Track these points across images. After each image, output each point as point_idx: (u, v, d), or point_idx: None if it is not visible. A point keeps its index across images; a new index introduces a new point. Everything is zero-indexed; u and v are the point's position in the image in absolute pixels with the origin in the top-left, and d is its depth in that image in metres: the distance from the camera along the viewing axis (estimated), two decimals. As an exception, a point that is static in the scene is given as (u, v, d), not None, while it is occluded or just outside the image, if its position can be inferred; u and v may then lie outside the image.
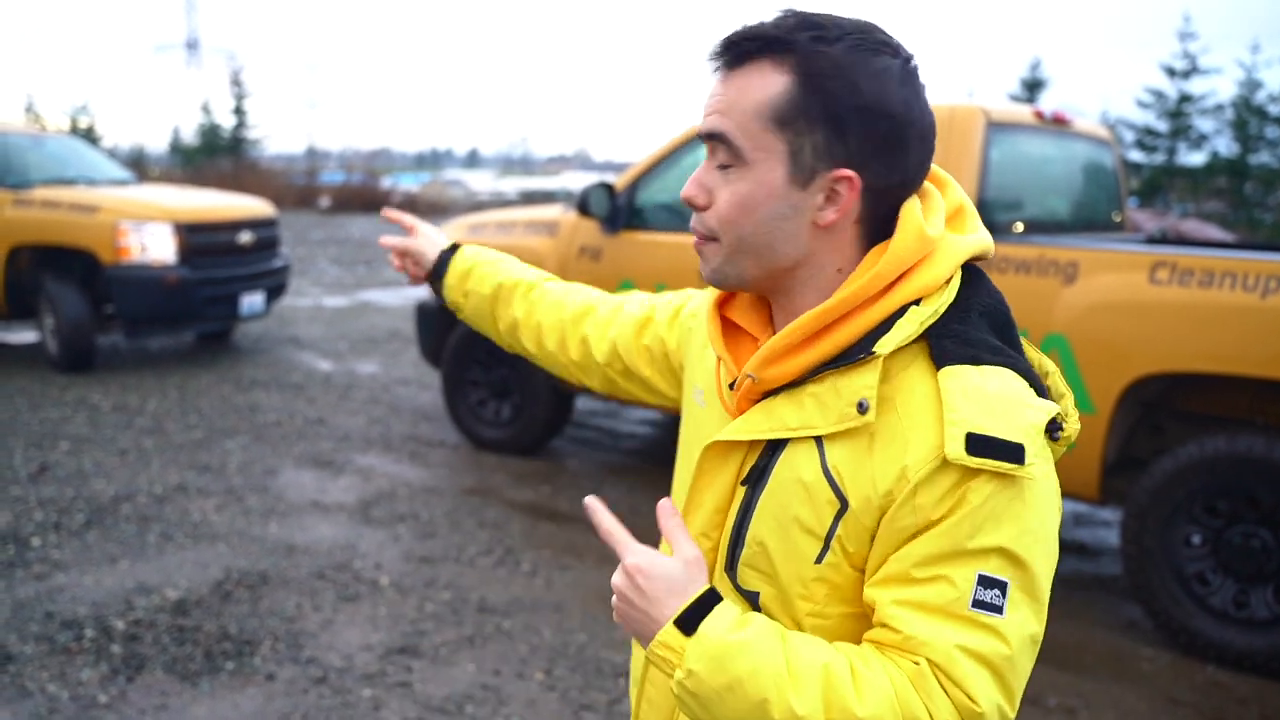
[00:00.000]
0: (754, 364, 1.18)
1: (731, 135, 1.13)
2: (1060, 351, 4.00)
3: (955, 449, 1.04)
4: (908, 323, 1.11)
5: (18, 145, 8.99)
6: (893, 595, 1.08)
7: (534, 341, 1.72)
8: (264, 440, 6.45)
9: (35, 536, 4.76)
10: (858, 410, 1.10)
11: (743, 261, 1.18)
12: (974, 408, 1.06)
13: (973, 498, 1.05)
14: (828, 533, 1.13)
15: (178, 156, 39.49)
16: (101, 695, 3.44)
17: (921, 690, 1.03)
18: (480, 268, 1.77)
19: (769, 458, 1.18)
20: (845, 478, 1.11)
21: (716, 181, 1.17)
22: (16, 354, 9.07)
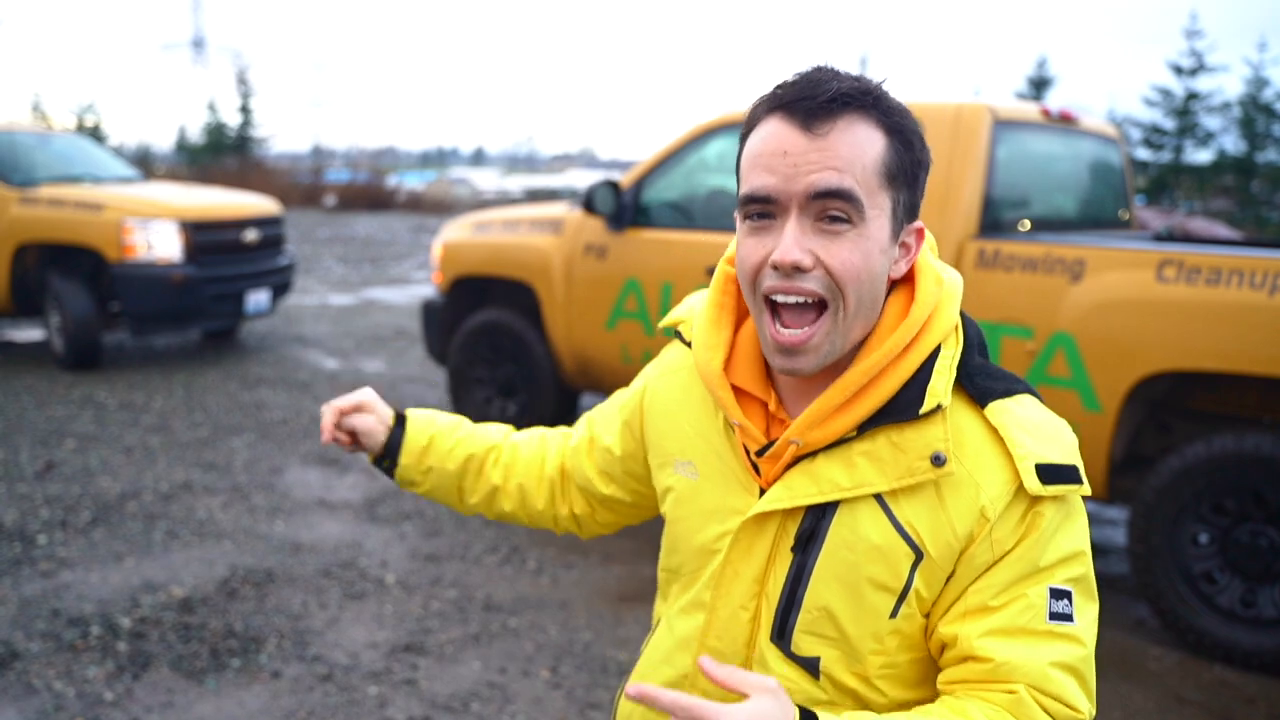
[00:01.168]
0: (799, 429, 1.17)
1: (856, 192, 1.09)
2: (1067, 350, 3.99)
3: (1032, 482, 1.10)
4: (944, 369, 1.15)
5: (24, 143, 9.01)
6: (977, 628, 1.12)
7: (515, 504, 1.61)
8: (270, 438, 6.46)
9: (41, 534, 4.77)
10: (933, 464, 1.12)
11: (854, 326, 1.15)
12: (1032, 439, 1.13)
13: (1041, 522, 1.12)
14: (904, 586, 1.15)
15: (184, 155, 39.49)
16: (108, 693, 3.44)
17: (1024, 716, 1.08)
18: (439, 441, 1.59)
19: (817, 521, 1.17)
20: (920, 529, 1.14)
21: (819, 243, 1.11)
22: (23, 352, 9.09)
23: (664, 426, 1.37)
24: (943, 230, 4.32)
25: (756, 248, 1.14)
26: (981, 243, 4.26)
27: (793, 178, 1.10)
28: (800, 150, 1.10)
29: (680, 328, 1.39)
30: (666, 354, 1.44)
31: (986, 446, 1.14)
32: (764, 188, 1.12)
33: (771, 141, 1.12)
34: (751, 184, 1.13)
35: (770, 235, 1.13)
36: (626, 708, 1.40)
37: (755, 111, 1.17)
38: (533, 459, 1.61)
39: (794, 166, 1.10)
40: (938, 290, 1.18)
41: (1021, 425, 1.14)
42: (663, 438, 1.37)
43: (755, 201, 1.13)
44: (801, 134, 1.10)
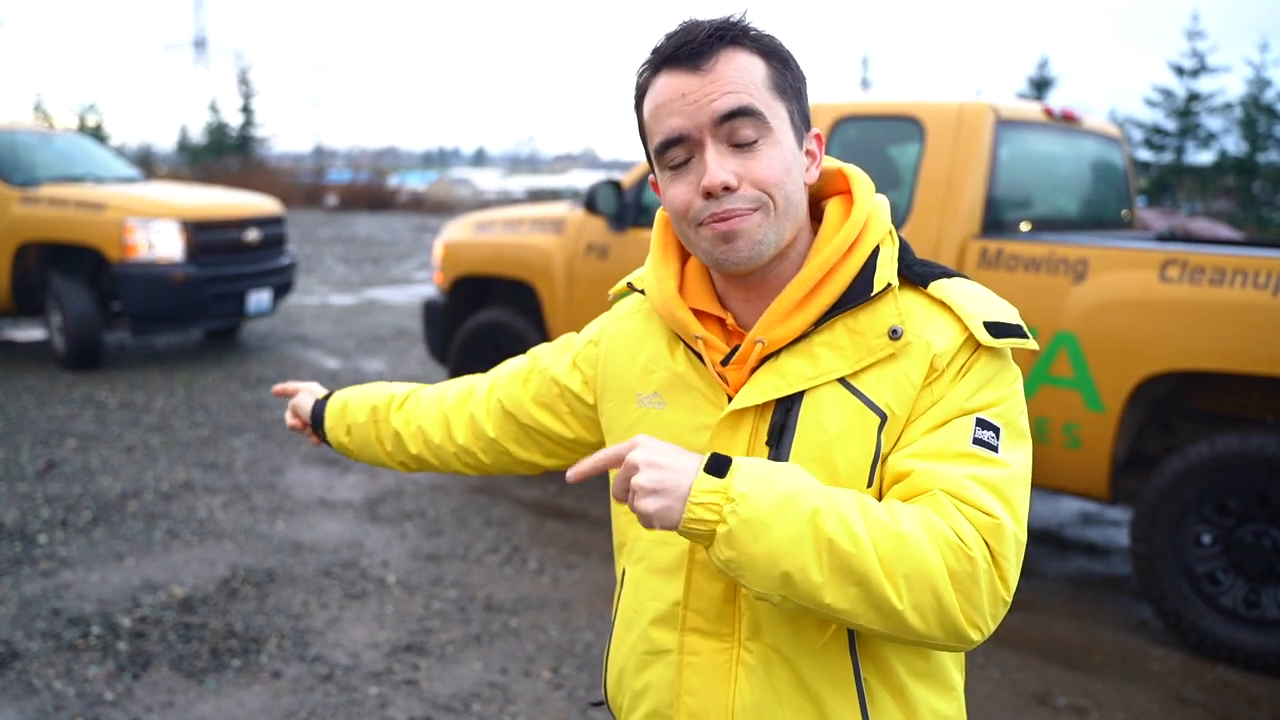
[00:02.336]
0: (762, 327, 1.25)
1: (755, 106, 1.19)
2: (1070, 350, 3.98)
3: (983, 335, 1.20)
4: (887, 260, 1.26)
5: (25, 143, 9.01)
6: (905, 454, 1.19)
7: (419, 443, 1.68)
8: (271, 438, 6.45)
9: (42, 533, 4.76)
10: (890, 338, 1.21)
11: (784, 224, 1.24)
12: (976, 304, 1.24)
13: (975, 369, 1.21)
14: (874, 451, 1.21)
15: (185, 155, 39.53)
16: (108, 692, 3.43)
17: (943, 514, 1.12)
18: (351, 400, 1.75)
19: (785, 414, 1.23)
20: (884, 394, 1.21)
21: (737, 163, 1.19)
22: (24, 351, 9.08)
23: (623, 365, 1.42)
24: (945, 230, 4.31)
25: (683, 186, 1.23)
26: (984, 242, 4.25)
27: (697, 111, 1.19)
28: (696, 87, 1.19)
29: (634, 283, 1.46)
30: (620, 304, 1.51)
31: (934, 314, 1.24)
32: (675, 129, 1.21)
33: (667, 91, 1.21)
34: (663, 131, 1.22)
35: (691, 171, 1.22)
36: (615, 669, 1.44)
37: (641, 78, 1.27)
38: (433, 400, 1.69)
39: (695, 103, 1.19)
40: (871, 195, 1.30)
41: (964, 294, 1.25)
42: (623, 375, 1.41)
43: (670, 145, 1.22)
44: (691, 75, 1.20)
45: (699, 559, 1.28)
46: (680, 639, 1.30)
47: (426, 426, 1.67)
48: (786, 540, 1.08)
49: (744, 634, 1.26)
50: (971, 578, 1.09)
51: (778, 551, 1.08)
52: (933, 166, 4.42)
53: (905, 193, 4.51)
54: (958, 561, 1.09)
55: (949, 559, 1.09)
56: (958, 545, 1.09)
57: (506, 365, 1.67)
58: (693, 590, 1.28)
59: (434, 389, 1.72)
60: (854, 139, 4.81)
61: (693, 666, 1.28)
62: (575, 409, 1.54)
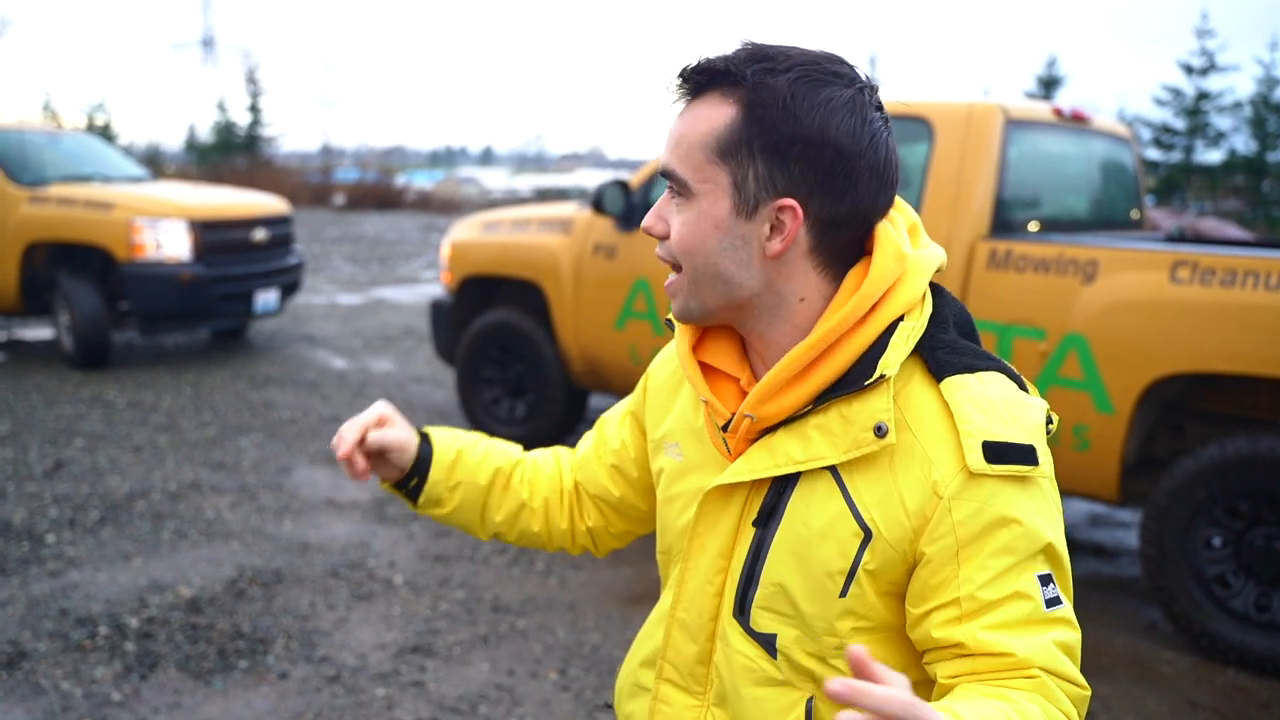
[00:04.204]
0: (751, 403, 1.18)
1: (678, 170, 1.16)
2: (1079, 351, 3.96)
3: (975, 460, 1.08)
4: (901, 340, 1.13)
5: (34, 143, 9.03)
6: (980, 626, 1.08)
7: (542, 522, 1.54)
8: (278, 438, 6.45)
9: (50, 533, 4.77)
10: (875, 434, 1.11)
11: (702, 293, 1.19)
12: (984, 416, 1.10)
13: (1008, 510, 1.09)
14: (853, 564, 1.14)
15: (193, 154, 39.57)
16: (115, 693, 3.43)
17: (1052, 699, 1.06)
18: (467, 454, 1.51)
19: (778, 496, 1.18)
20: (871, 505, 1.13)
21: (671, 212, 1.19)
22: (33, 350, 9.10)
23: (658, 411, 1.40)
24: (954, 231, 4.29)
25: None
26: (993, 243, 4.24)
27: None
28: (672, 128, 1.19)
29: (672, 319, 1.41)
30: (669, 344, 1.46)
31: (940, 421, 1.12)
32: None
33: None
34: None
35: None
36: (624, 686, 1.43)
37: None
38: (554, 474, 1.57)
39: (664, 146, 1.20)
40: (897, 266, 1.15)
41: (975, 401, 1.11)
42: (657, 422, 1.40)
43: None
44: (675, 113, 1.19)
45: (679, 616, 1.29)
46: (656, 685, 1.33)
47: (553, 504, 1.54)
48: None
49: (712, 699, 1.27)
50: None
51: None
52: (941, 167, 4.40)
53: (913, 194, 4.49)
54: None
55: None
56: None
57: (583, 441, 1.58)
58: (670, 645, 1.30)
59: (546, 463, 1.58)
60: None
61: (663, 715, 1.31)
62: (644, 464, 1.46)
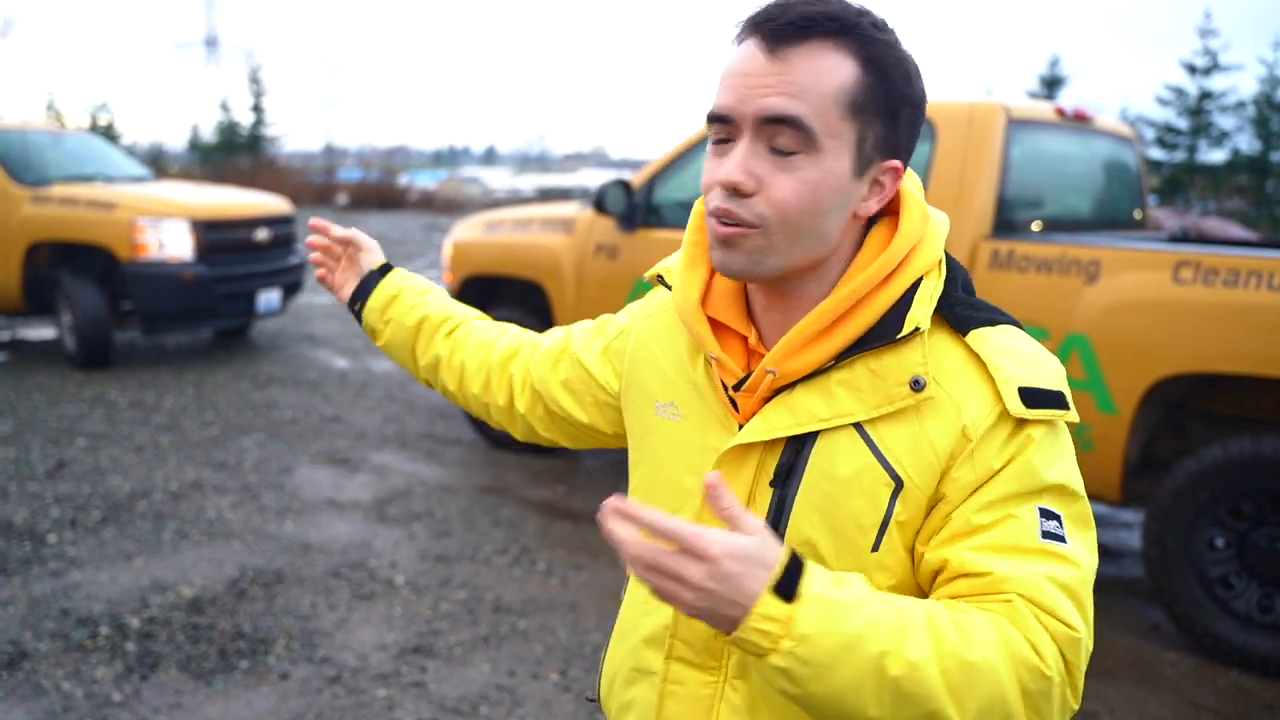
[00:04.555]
0: (774, 358, 1.15)
1: (807, 120, 1.06)
2: (1081, 351, 3.95)
3: (1015, 405, 1.09)
4: (925, 297, 1.14)
5: (36, 143, 9.02)
6: (966, 545, 1.09)
7: (455, 382, 1.61)
8: (280, 437, 6.45)
9: (51, 533, 4.77)
10: (912, 388, 1.11)
11: (794, 252, 1.12)
12: (1015, 365, 1.12)
13: (1031, 446, 1.09)
14: (884, 517, 1.12)
15: (196, 154, 39.59)
16: (116, 693, 3.43)
17: (1021, 626, 1.03)
18: (406, 295, 1.64)
19: (796, 454, 1.15)
20: (900, 455, 1.12)
21: (767, 168, 1.09)
22: (35, 350, 9.10)
23: (646, 367, 1.35)
24: (956, 231, 4.28)
25: (713, 167, 1.14)
26: (995, 243, 4.23)
27: (746, 99, 1.08)
28: (759, 72, 1.08)
29: (664, 274, 1.37)
30: (651, 296, 1.43)
31: (968, 371, 1.13)
32: (722, 106, 1.11)
33: (737, 62, 1.11)
34: (714, 103, 1.12)
35: (726, 156, 1.12)
36: (609, 674, 1.38)
37: (738, 30, 1.14)
38: (484, 344, 1.60)
39: (750, 88, 1.08)
40: (923, 224, 1.17)
41: (1003, 351, 1.13)
42: (645, 378, 1.35)
43: (715, 121, 1.12)
44: (765, 56, 1.08)
45: None
46: (666, 666, 1.25)
47: (468, 370, 1.59)
48: (847, 684, 0.98)
49: (731, 671, 1.20)
50: (1045, 696, 1.02)
51: (835, 693, 0.98)
52: (943, 167, 4.40)
53: (916, 193, 4.49)
54: (1034, 681, 1.01)
55: (1025, 680, 1.01)
56: (1036, 665, 1.01)
57: (548, 336, 1.58)
58: (681, 620, 1.23)
59: (485, 331, 1.63)
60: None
61: (675, 695, 1.24)
62: (598, 397, 1.47)
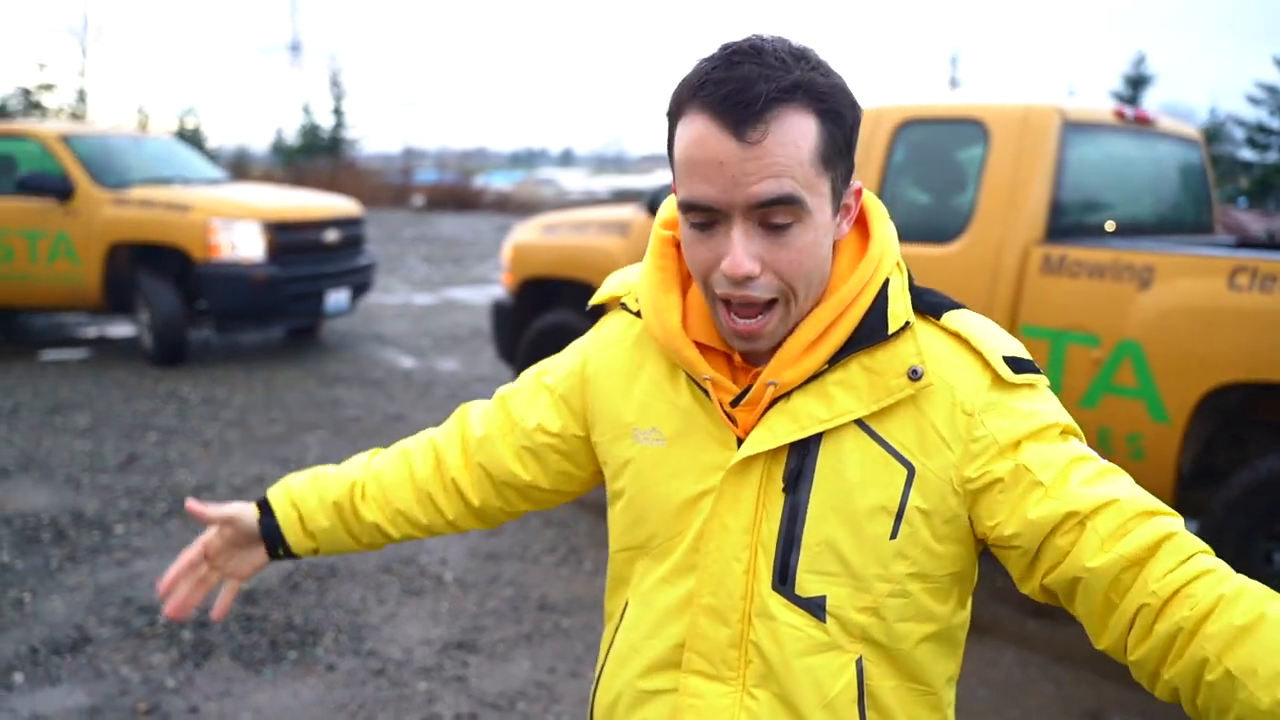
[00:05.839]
0: (774, 369, 1.19)
1: (798, 194, 1.09)
2: (1134, 358, 3.88)
3: (1006, 371, 1.17)
4: (899, 294, 1.21)
5: (118, 146, 9.34)
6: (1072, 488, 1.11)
7: (404, 527, 1.53)
8: (343, 435, 6.60)
9: (119, 524, 4.94)
10: (910, 378, 1.16)
11: (807, 303, 1.18)
12: (993, 338, 1.21)
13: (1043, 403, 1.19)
14: (900, 504, 1.17)
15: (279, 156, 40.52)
16: (170, 679, 3.55)
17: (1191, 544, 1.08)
18: (305, 505, 1.52)
19: (803, 459, 1.19)
20: (907, 443, 1.17)
21: (765, 246, 1.12)
22: (116, 347, 9.42)
23: (615, 398, 1.34)
24: (1007, 235, 4.23)
25: (704, 251, 1.15)
26: (1047, 248, 4.17)
27: (731, 189, 1.09)
28: (736, 160, 1.07)
29: (624, 299, 1.36)
30: (604, 326, 1.42)
31: (951, 351, 1.19)
32: (704, 198, 1.11)
33: (705, 148, 1.09)
34: (691, 193, 1.12)
35: (715, 238, 1.13)
36: (605, 703, 1.38)
37: (681, 97, 1.13)
38: (402, 479, 1.52)
39: (732, 179, 1.08)
40: (889, 232, 1.24)
41: (978, 328, 1.21)
42: (616, 409, 1.33)
43: (696, 210, 1.12)
44: (735, 142, 1.07)
45: (704, 603, 1.23)
46: (681, 681, 1.26)
47: (407, 510, 1.51)
48: None
49: (750, 680, 1.22)
50: None
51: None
52: (996, 170, 4.35)
53: (968, 196, 4.45)
54: None
55: None
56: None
57: (473, 420, 1.52)
58: (696, 634, 1.24)
59: (390, 461, 1.54)
60: (918, 142, 4.76)
61: (694, 709, 1.24)
62: (562, 449, 1.44)
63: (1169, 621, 1.04)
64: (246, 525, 1.51)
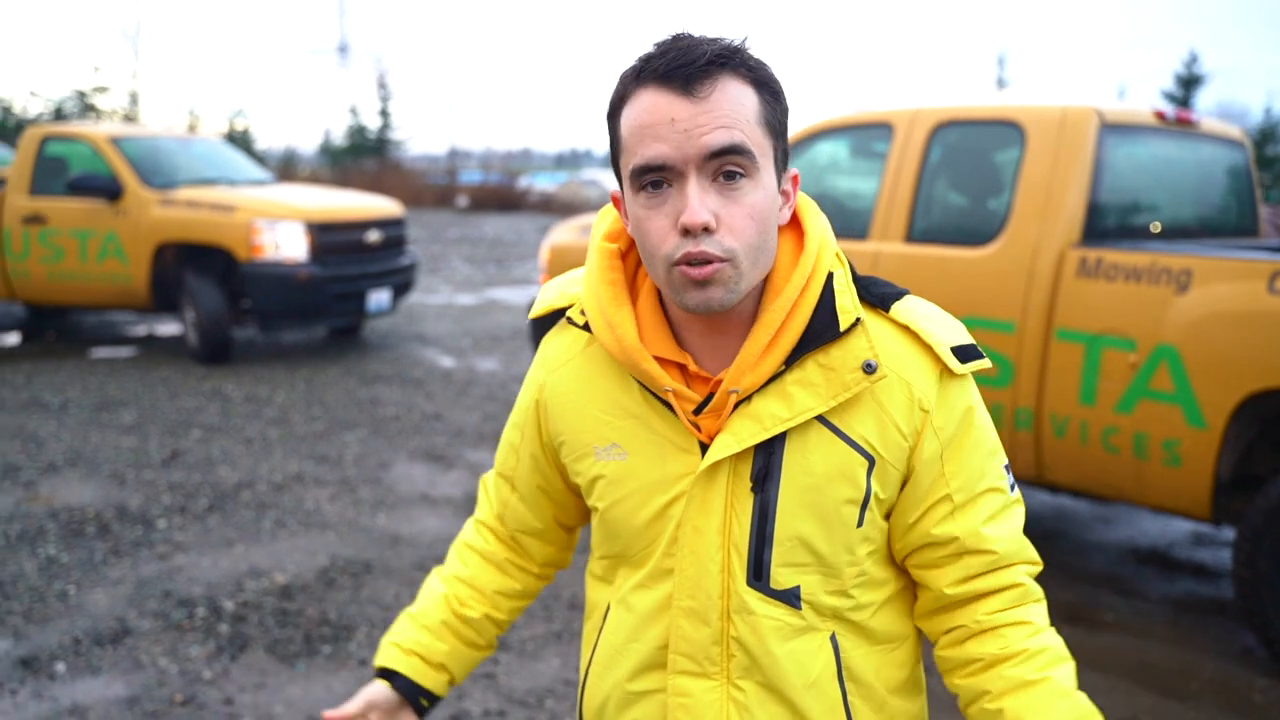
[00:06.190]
0: (734, 377, 1.21)
1: (748, 144, 1.14)
2: (1170, 363, 3.83)
3: (954, 363, 1.23)
4: (844, 288, 1.24)
5: (166, 148, 9.51)
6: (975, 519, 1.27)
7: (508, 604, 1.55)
8: (381, 433, 6.67)
9: (161, 518, 5.04)
10: (865, 372, 1.20)
11: (755, 273, 1.19)
12: (939, 327, 1.26)
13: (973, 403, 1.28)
14: (865, 494, 1.24)
15: (326, 157, 40.97)
16: (206, 671, 3.62)
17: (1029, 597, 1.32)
18: (416, 644, 1.52)
19: (768, 458, 1.22)
20: (868, 435, 1.23)
21: (719, 202, 1.14)
22: (163, 345, 9.59)
23: (573, 417, 1.35)
24: (1043, 238, 4.20)
25: (659, 219, 1.16)
26: (1083, 251, 4.13)
27: (686, 142, 1.12)
28: (688, 115, 1.12)
29: (570, 313, 1.36)
30: (548, 348, 1.41)
31: (902, 344, 1.24)
32: (659, 156, 1.13)
33: (656, 111, 1.14)
34: (644, 154, 1.14)
35: (668, 203, 1.15)
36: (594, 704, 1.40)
37: (625, 86, 1.19)
38: (476, 569, 1.55)
39: (684, 132, 1.12)
40: (824, 224, 1.27)
41: (926, 318, 1.26)
42: (576, 430, 1.34)
43: (650, 171, 1.15)
44: (684, 99, 1.12)
45: (684, 605, 1.26)
46: (667, 681, 1.29)
47: (499, 586, 1.54)
48: None
49: (734, 673, 1.27)
50: None
51: None
52: (1032, 172, 4.32)
53: (1004, 199, 4.42)
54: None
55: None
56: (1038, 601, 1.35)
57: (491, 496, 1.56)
58: (678, 635, 1.28)
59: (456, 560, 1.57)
60: (954, 144, 4.73)
61: (684, 707, 1.28)
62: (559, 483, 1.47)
63: (977, 649, 1.27)
64: (384, 699, 1.50)
